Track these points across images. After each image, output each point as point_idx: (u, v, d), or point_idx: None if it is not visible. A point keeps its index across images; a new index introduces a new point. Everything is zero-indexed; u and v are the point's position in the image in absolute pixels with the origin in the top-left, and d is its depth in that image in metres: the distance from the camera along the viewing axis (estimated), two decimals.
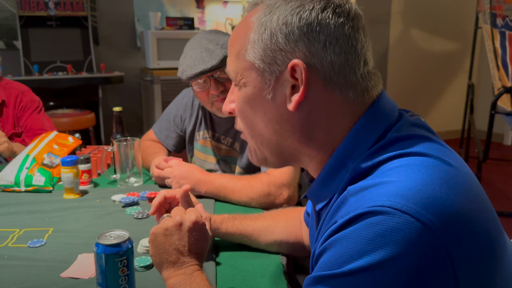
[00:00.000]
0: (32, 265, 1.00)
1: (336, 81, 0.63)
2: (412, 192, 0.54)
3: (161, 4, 4.19)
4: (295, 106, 0.64)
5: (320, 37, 0.62)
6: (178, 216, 0.81)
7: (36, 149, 1.60)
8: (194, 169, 1.39)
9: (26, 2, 3.46)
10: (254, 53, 0.65)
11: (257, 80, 0.66)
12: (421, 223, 0.52)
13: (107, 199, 1.42)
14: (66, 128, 3.26)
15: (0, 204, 1.37)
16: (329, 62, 0.62)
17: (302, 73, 0.62)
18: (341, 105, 0.65)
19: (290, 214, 1.09)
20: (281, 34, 0.62)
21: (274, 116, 0.66)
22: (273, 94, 0.65)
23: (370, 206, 0.54)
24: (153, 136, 1.79)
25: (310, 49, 0.62)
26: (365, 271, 0.53)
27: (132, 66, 4.12)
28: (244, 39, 0.66)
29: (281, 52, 0.63)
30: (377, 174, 0.59)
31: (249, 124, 0.70)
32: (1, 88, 1.91)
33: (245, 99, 0.68)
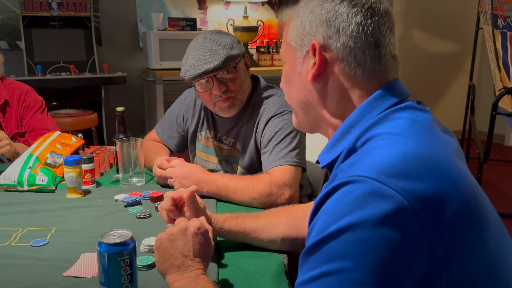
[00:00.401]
0: (35, 264, 1.01)
1: (347, 60, 0.75)
2: (383, 165, 0.63)
3: (164, 5, 4.20)
4: (312, 78, 0.78)
5: (336, 23, 0.75)
6: (183, 223, 0.86)
7: (39, 149, 1.61)
8: (196, 169, 1.40)
9: (29, 3, 3.48)
10: (292, 36, 0.81)
11: (292, 57, 0.82)
12: (388, 187, 0.60)
13: (110, 198, 1.42)
14: (69, 128, 3.28)
15: (3, 204, 1.39)
16: (341, 43, 0.75)
17: (317, 50, 0.76)
18: (350, 81, 0.77)
19: (292, 209, 1.11)
20: (308, 21, 0.78)
21: (300, 86, 0.81)
22: (301, 69, 0.80)
23: (348, 176, 0.64)
24: (155, 136, 1.79)
25: (327, 33, 0.76)
26: (343, 232, 0.60)
27: (135, 67, 4.13)
28: (288, 27, 0.84)
29: (307, 35, 0.78)
30: (363, 151, 0.70)
31: (289, 94, 0.86)
32: (4, 88, 1.92)
33: (285, 74, 0.86)
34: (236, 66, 1.47)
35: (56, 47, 3.61)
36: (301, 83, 0.81)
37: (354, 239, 0.59)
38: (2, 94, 1.90)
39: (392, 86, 0.77)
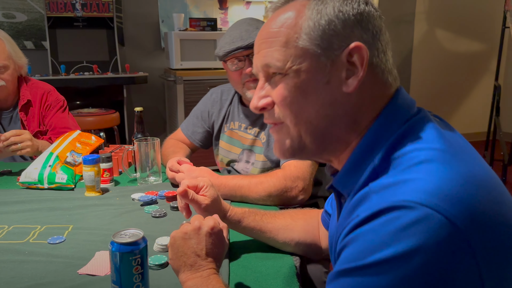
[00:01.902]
0: (51, 261, 1.03)
1: (380, 66, 0.69)
2: (432, 188, 0.56)
3: (185, 5, 4.23)
4: (355, 87, 0.67)
5: (369, 26, 0.68)
6: (197, 221, 0.85)
7: (59, 148, 1.65)
8: (205, 173, 1.40)
9: (54, 4, 3.55)
10: (310, 39, 0.67)
11: (311, 65, 0.67)
12: (441, 215, 0.53)
13: (127, 197, 1.44)
14: (91, 127, 3.33)
15: (24, 201, 1.42)
16: (376, 48, 0.68)
17: (364, 54, 0.66)
18: (381, 90, 0.69)
19: (309, 214, 1.10)
20: (338, 20, 0.66)
21: (328, 100, 0.68)
22: (329, 78, 0.67)
23: (392, 202, 0.56)
24: (180, 134, 1.83)
25: (362, 36, 0.67)
26: (387, 263, 0.54)
27: (157, 67, 4.18)
28: (294, 27, 0.68)
29: (338, 37, 0.66)
30: (399, 170, 0.61)
31: (297, 111, 0.70)
32: (27, 88, 1.97)
33: (296, 86, 0.69)
34: None
35: (79, 47, 3.68)
36: (330, 96, 0.68)
37: (399, 272, 0.53)
38: (25, 94, 1.94)
39: (402, 92, 0.72)
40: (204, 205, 1.00)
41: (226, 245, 0.87)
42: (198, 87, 3.61)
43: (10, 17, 3.66)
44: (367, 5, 0.69)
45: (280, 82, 0.70)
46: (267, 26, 0.72)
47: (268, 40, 0.71)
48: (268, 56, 0.70)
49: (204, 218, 0.88)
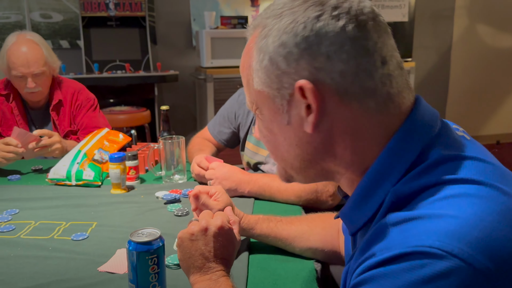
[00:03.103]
0: (73, 257, 1.04)
1: (351, 92, 0.57)
2: (465, 231, 0.48)
3: (216, 3, 4.24)
4: (312, 128, 0.59)
5: (322, 48, 0.56)
6: (204, 221, 0.81)
7: (87, 145, 1.67)
8: (235, 170, 1.39)
9: (88, 3, 3.63)
10: (260, 81, 0.61)
11: (270, 106, 0.62)
12: (475, 269, 0.46)
13: (151, 195, 1.45)
14: (123, 124, 3.39)
15: (52, 197, 1.45)
16: (338, 72, 0.56)
17: (311, 92, 0.57)
18: (363, 118, 0.58)
19: (328, 221, 1.05)
20: (280, 57, 0.58)
21: (294, 141, 0.62)
22: (288, 118, 0.61)
23: (416, 246, 0.48)
24: (206, 133, 1.82)
25: (314, 65, 0.57)
26: None
27: (188, 65, 4.21)
28: (249, 68, 0.64)
29: (285, 75, 0.58)
30: (423, 203, 0.53)
31: (272, 149, 0.68)
32: (59, 87, 2.01)
33: (264, 125, 0.66)
34: None
35: (112, 46, 3.74)
36: (294, 136, 0.61)
37: None
38: (56, 94, 1.98)
39: (419, 110, 0.60)
40: (215, 210, 1.00)
41: (237, 243, 0.83)
42: (228, 85, 3.61)
43: (47, 17, 3.77)
44: (319, 21, 0.57)
45: (257, 119, 0.68)
46: (241, 60, 0.68)
47: (242, 77, 0.68)
48: (246, 95, 0.69)
49: (213, 215, 0.85)
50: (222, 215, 0.83)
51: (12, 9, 3.68)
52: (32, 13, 3.73)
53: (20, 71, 1.83)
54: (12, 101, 1.93)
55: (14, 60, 1.83)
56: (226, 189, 1.36)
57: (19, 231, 1.19)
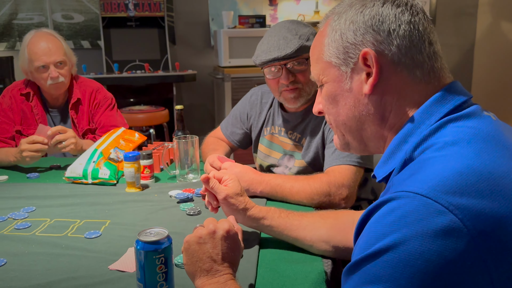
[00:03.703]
0: (85, 255, 1.05)
1: (404, 62, 0.70)
2: (436, 180, 0.57)
3: (235, 3, 4.25)
4: (370, 89, 0.72)
5: (384, 26, 0.70)
6: (212, 225, 0.84)
7: (104, 144, 1.69)
8: (248, 170, 1.38)
9: (108, 4, 3.68)
10: (330, 53, 0.75)
11: (335, 75, 0.75)
12: (440, 205, 0.55)
13: (165, 194, 1.46)
14: (142, 123, 3.42)
15: (68, 195, 1.47)
16: (395, 46, 0.70)
17: (373, 58, 0.70)
18: (409, 85, 0.71)
19: (342, 213, 1.06)
20: (349, 31, 0.72)
21: (353, 103, 0.75)
22: (350, 84, 0.74)
23: (395, 192, 0.59)
24: (219, 133, 1.83)
25: (377, 38, 0.70)
26: (385, 251, 0.56)
27: (206, 64, 4.23)
28: (321, 45, 0.78)
29: (352, 46, 0.72)
30: (417, 162, 0.64)
31: (334, 116, 0.79)
32: (77, 86, 2.04)
33: (328, 94, 0.78)
34: (308, 58, 1.44)
35: (132, 46, 3.79)
36: (353, 99, 0.75)
37: (397, 260, 0.55)
38: (75, 93, 2.01)
39: (452, 87, 0.71)
40: (224, 194, 1.02)
41: (241, 248, 0.86)
42: (246, 85, 3.61)
43: (68, 18, 3.84)
44: (383, 6, 0.72)
45: (320, 92, 0.81)
46: (312, 44, 0.83)
47: (310, 57, 0.83)
48: (311, 72, 0.83)
49: (218, 221, 0.87)
50: (227, 221, 0.86)
51: (35, 11, 3.76)
52: (54, 14, 3.80)
53: (42, 60, 1.87)
54: (32, 100, 1.97)
55: (36, 50, 1.88)
56: None
57: (34, 228, 1.21)
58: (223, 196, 1.02)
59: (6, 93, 1.98)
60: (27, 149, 1.65)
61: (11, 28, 3.72)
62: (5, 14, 3.70)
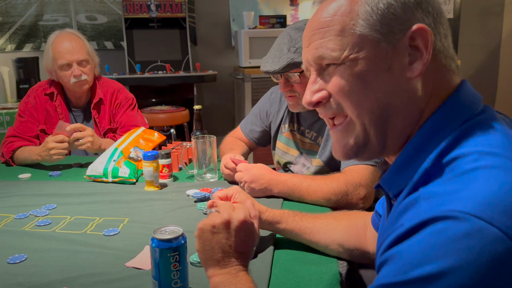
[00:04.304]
0: (103, 252, 1.07)
1: (442, 51, 0.65)
2: (488, 198, 0.50)
3: (255, 3, 4.25)
4: (419, 73, 0.63)
5: (429, 8, 0.64)
6: (226, 214, 0.81)
7: (124, 143, 1.72)
8: (263, 171, 1.38)
9: (131, 5, 3.73)
10: (369, 25, 0.63)
11: (371, 52, 0.64)
12: (498, 229, 0.48)
13: (183, 193, 1.47)
14: (163, 123, 3.46)
15: (88, 193, 1.50)
16: (438, 32, 0.64)
17: (428, 36, 0.62)
18: (445, 77, 0.65)
19: (355, 214, 1.05)
20: (398, 3, 0.63)
21: (391, 87, 0.64)
22: (390, 64, 0.64)
23: (440, 211, 0.51)
24: (239, 132, 1.84)
25: (424, 19, 0.63)
26: (432, 279, 0.49)
27: (227, 65, 4.25)
28: (349, 13, 0.65)
29: (398, 21, 0.63)
30: (453, 175, 0.56)
31: (358, 102, 0.66)
32: (99, 86, 2.08)
33: (355, 75, 0.65)
34: (302, 72, 1.41)
35: (154, 47, 3.83)
36: (392, 82, 0.64)
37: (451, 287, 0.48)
38: (97, 93, 2.05)
39: (467, 86, 0.67)
40: None
41: (257, 237, 0.83)
42: (266, 85, 3.61)
43: (92, 19, 3.91)
44: None
45: (335, 73, 0.66)
46: (318, 16, 0.68)
47: (320, 30, 0.67)
48: (322, 47, 0.66)
49: (235, 208, 0.84)
50: (244, 209, 0.83)
51: (60, 12, 3.84)
52: (78, 15, 3.88)
53: (66, 58, 1.92)
54: (56, 100, 2.02)
55: (60, 49, 1.93)
56: (257, 190, 1.36)
57: (54, 225, 1.23)
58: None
59: (31, 93, 2.03)
60: (56, 147, 1.70)
61: (37, 30, 3.81)
62: (31, 15, 3.79)
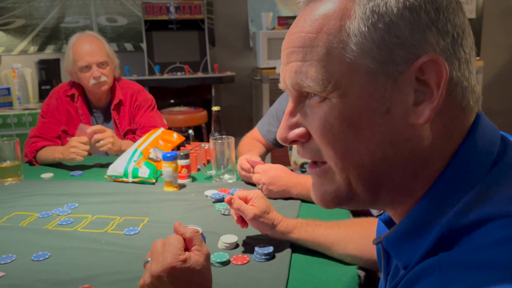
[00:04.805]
0: (124, 251, 1.09)
1: (460, 84, 0.49)
2: None
3: (274, 4, 4.26)
4: (428, 119, 0.48)
5: (448, 27, 0.48)
6: (154, 266, 0.72)
7: (144, 144, 1.74)
8: (282, 173, 1.38)
9: (151, 7, 3.78)
10: (363, 50, 0.48)
11: (364, 87, 0.48)
12: None
13: (201, 194, 1.48)
14: (181, 124, 3.49)
15: (109, 193, 1.52)
16: (457, 58, 0.48)
17: (442, 71, 0.47)
18: (457, 118, 0.50)
19: (368, 227, 1.01)
20: (404, 22, 0.46)
21: (389, 136, 0.49)
22: (389, 104, 0.48)
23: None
24: (256, 133, 1.84)
25: (439, 42, 0.47)
26: None
27: (245, 66, 4.26)
28: (338, 33, 0.49)
29: (403, 47, 0.47)
30: (480, 243, 0.43)
31: (344, 153, 0.51)
32: (119, 88, 2.11)
33: (342, 116, 0.50)
34: None
35: (173, 49, 3.87)
36: (391, 129, 0.49)
37: None
38: (117, 94, 2.08)
39: (483, 121, 0.52)
40: (251, 214, 1.02)
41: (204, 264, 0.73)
42: None
43: (112, 21, 3.97)
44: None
45: (317, 108, 0.51)
46: (299, 26, 0.52)
47: (299, 49, 0.51)
48: (301, 74, 0.51)
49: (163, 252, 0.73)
50: (170, 251, 0.72)
51: (81, 14, 3.91)
52: (98, 17, 3.94)
53: (85, 60, 1.96)
54: (77, 101, 2.06)
55: (80, 51, 1.97)
56: (275, 192, 1.36)
57: (76, 224, 1.26)
58: (251, 216, 1.02)
59: (53, 94, 2.07)
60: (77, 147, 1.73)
61: (59, 31, 3.88)
62: (53, 18, 3.86)
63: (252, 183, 1.49)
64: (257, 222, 1.03)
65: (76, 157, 1.75)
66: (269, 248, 1.01)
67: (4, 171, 1.67)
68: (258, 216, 1.02)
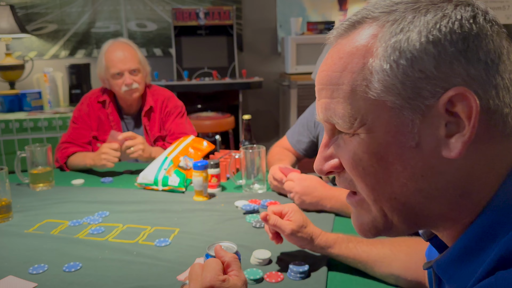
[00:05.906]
0: (155, 264, 1.07)
1: (500, 112, 0.47)
2: None
3: (303, 9, 4.22)
4: (460, 152, 0.46)
5: (480, 53, 0.46)
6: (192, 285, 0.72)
7: (174, 152, 1.74)
8: (316, 184, 1.35)
9: (180, 13, 3.79)
10: (386, 88, 0.48)
11: (390, 122, 0.49)
12: None
13: (231, 204, 1.46)
14: (209, 130, 3.49)
15: (140, 201, 1.52)
16: (493, 86, 0.47)
17: (472, 104, 0.45)
18: (501, 145, 0.48)
19: (414, 246, 0.95)
20: (428, 57, 0.46)
21: (420, 170, 0.49)
22: (418, 139, 0.48)
23: None
24: (285, 142, 1.81)
25: (469, 72, 0.46)
26: None
27: (273, 71, 4.24)
28: (361, 71, 0.50)
29: (430, 81, 0.46)
30: None
31: (374, 185, 0.52)
32: (150, 94, 2.11)
33: (371, 152, 0.50)
34: None
35: (201, 54, 3.88)
36: (422, 164, 0.49)
37: None
38: (148, 101, 2.09)
39: None
40: (288, 230, 0.99)
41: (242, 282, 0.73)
42: (312, 92, 3.54)
43: (142, 26, 4.01)
44: (475, 20, 0.47)
45: (348, 141, 0.53)
46: (327, 65, 0.54)
47: (328, 87, 0.53)
48: (330, 110, 0.53)
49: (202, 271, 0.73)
50: (210, 271, 0.72)
51: (112, 20, 3.96)
52: (129, 23, 3.98)
53: (118, 67, 1.97)
54: (108, 107, 2.07)
55: (112, 58, 1.99)
56: (307, 203, 1.33)
57: (107, 233, 1.25)
58: (288, 232, 0.99)
59: (85, 100, 2.09)
60: (108, 153, 1.74)
61: (89, 37, 3.94)
62: (84, 23, 3.93)
63: (283, 194, 1.45)
64: (295, 238, 1.00)
65: (107, 163, 1.75)
66: (305, 266, 0.98)
67: (36, 177, 1.68)
68: (295, 231, 0.99)
